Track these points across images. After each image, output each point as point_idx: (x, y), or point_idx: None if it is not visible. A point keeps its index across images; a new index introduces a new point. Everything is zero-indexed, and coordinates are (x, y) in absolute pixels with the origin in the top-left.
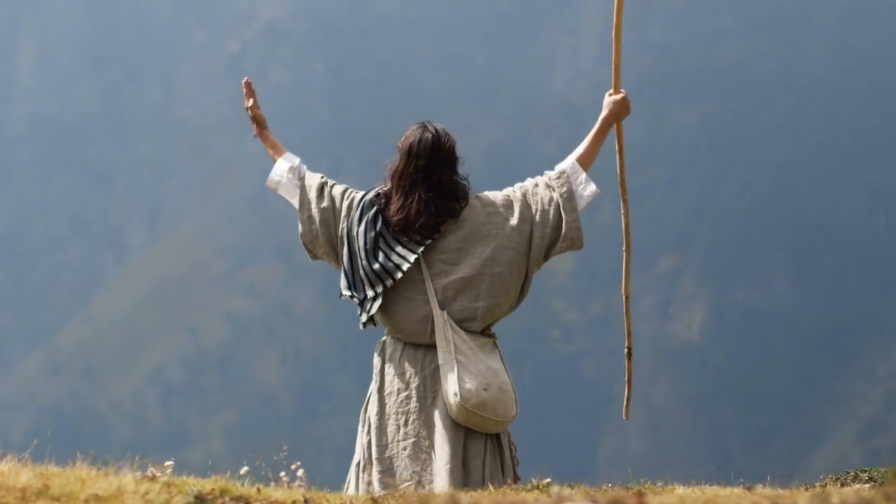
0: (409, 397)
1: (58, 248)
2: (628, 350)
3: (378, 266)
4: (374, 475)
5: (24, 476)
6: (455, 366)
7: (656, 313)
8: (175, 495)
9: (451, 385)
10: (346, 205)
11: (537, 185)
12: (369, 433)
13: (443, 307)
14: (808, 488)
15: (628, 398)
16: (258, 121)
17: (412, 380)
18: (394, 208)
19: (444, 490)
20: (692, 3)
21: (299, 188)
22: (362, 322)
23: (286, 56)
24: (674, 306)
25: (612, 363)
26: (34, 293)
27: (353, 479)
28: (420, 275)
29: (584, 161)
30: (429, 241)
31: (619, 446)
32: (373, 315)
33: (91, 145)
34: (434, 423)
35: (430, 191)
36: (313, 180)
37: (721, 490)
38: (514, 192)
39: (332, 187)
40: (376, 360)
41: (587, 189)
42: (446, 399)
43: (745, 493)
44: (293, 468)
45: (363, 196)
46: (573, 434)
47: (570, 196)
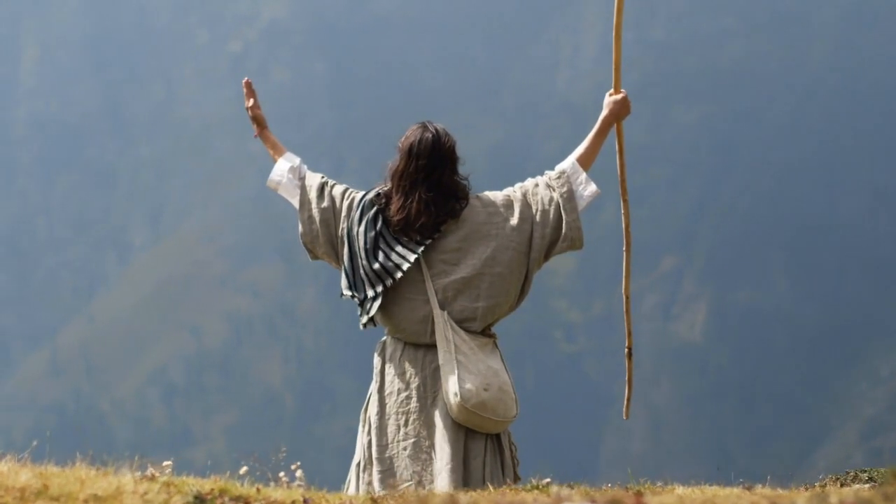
0: (409, 397)
1: (60, 248)
2: (629, 350)
3: (378, 266)
4: (375, 475)
5: (24, 476)
6: (455, 366)
7: (658, 313)
8: (174, 495)
9: (451, 385)
10: (346, 205)
11: (537, 185)
12: (369, 433)
13: (443, 307)
14: (808, 488)
15: (629, 398)
16: (258, 121)
17: (412, 380)
18: (394, 208)
19: (445, 490)
20: (693, 3)
21: (300, 188)
22: (362, 323)
23: (287, 56)
24: (675, 306)
25: (614, 363)
26: (36, 293)
27: (354, 479)
28: (420, 275)
29: (585, 161)
30: (429, 241)
31: (622, 446)
32: (373, 315)
33: (93, 145)
34: (434, 424)
35: (430, 191)
36: (314, 180)
37: (721, 490)
38: (515, 192)
39: (332, 187)
40: (376, 360)
41: (587, 189)
42: (446, 399)
43: (744, 493)
44: (292, 468)
45: (363, 196)
46: (575, 434)
47: (571, 196)
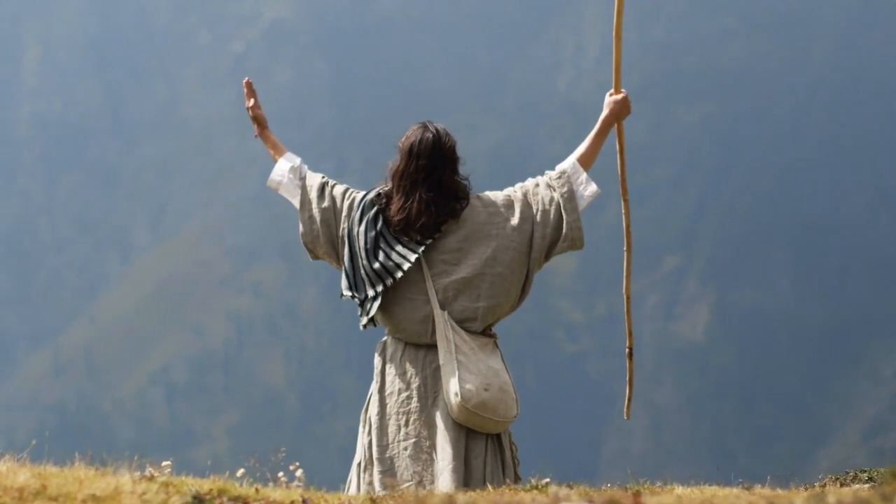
0: (409, 397)
1: (62, 249)
2: (629, 350)
3: (378, 265)
4: (375, 475)
5: (22, 476)
6: (456, 366)
7: (660, 313)
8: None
9: (451, 385)
10: (346, 205)
11: (538, 185)
12: (370, 433)
13: (443, 307)
14: (808, 488)
15: (629, 398)
16: (259, 121)
17: (413, 380)
18: (394, 208)
19: (447, 490)
20: (695, 3)
21: (300, 188)
22: (362, 324)
23: (289, 56)
24: (678, 306)
25: (617, 363)
26: (38, 293)
27: (355, 479)
28: (421, 275)
29: (585, 161)
30: (429, 241)
31: (623, 446)
32: (373, 316)
33: (95, 145)
34: (435, 424)
35: (430, 191)
36: (314, 180)
37: (720, 490)
38: (515, 192)
39: (332, 187)
40: (377, 360)
41: (588, 189)
42: (447, 399)
43: (743, 493)
44: (291, 468)
45: (364, 196)
46: (577, 434)
47: (571, 196)
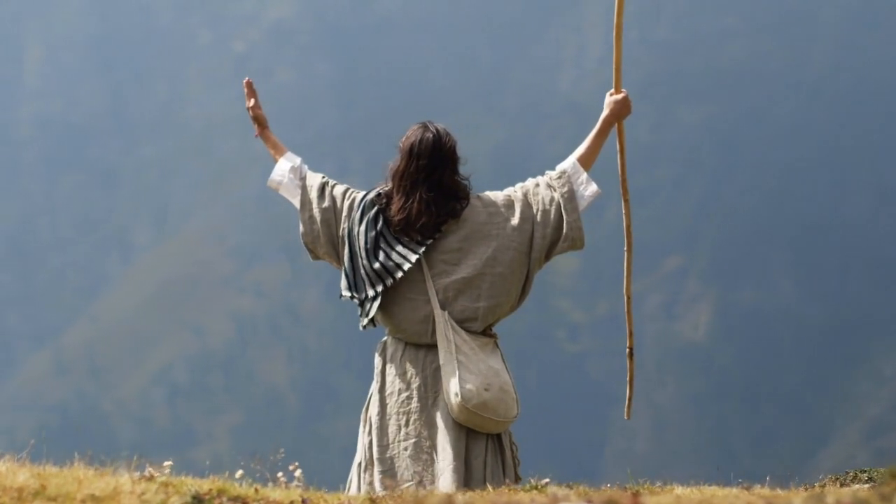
0: (410, 397)
1: (64, 249)
2: (630, 350)
3: (379, 265)
4: (376, 475)
5: (22, 476)
6: (456, 366)
7: (662, 313)
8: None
9: (452, 385)
10: (347, 205)
11: (538, 184)
12: (370, 433)
13: (444, 307)
14: (808, 489)
15: (630, 398)
16: (259, 121)
17: (413, 380)
18: (395, 208)
19: (448, 490)
20: (697, 2)
21: (300, 188)
22: (362, 324)
23: (292, 56)
24: (679, 306)
25: (619, 363)
26: (40, 293)
27: (355, 479)
28: (421, 275)
29: (585, 161)
30: (430, 241)
31: (626, 447)
32: (373, 317)
33: (97, 145)
34: (435, 424)
35: (430, 191)
36: (314, 180)
37: (719, 490)
38: (515, 192)
39: (333, 187)
40: (377, 360)
41: (588, 189)
42: (447, 399)
43: (742, 493)
44: (291, 468)
45: (364, 196)
46: (579, 434)
47: (572, 196)
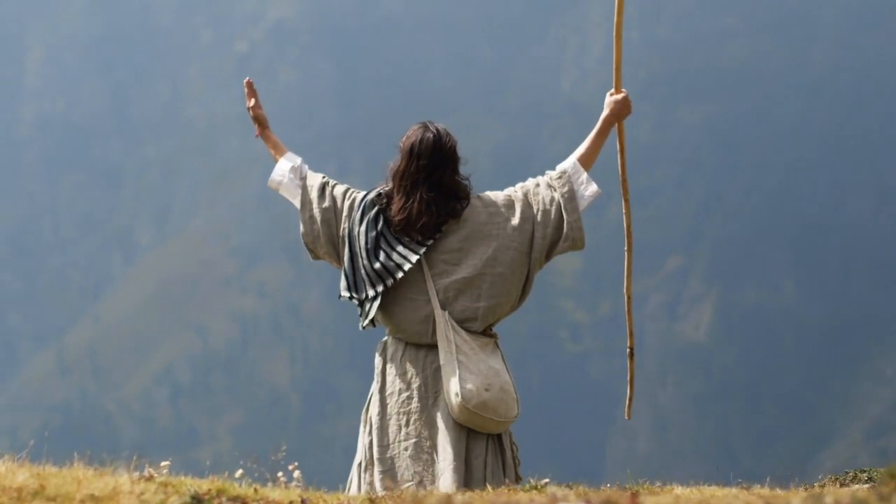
0: (410, 397)
1: (66, 249)
2: (630, 350)
3: (379, 265)
4: (376, 475)
5: (21, 476)
6: (456, 366)
7: (663, 313)
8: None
9: (452, 385)
10: (347, 205)
11: (538, 184)
12: (371, 433)
13: (444, 307)
14: (808, 489)
15: (630, 398)
16: (260, 121)
17: (413, 380)
18: (395, 208)
19: (449, 490)
20: (697, 2)
21: (301, 188)
22: (362, 325)
23: (294, 56)
24: (681, 306)
25: (620, 363)
26: (42, 293)
27: (355, 479)
28: (421, 275)
29: (586, 161)
30: (430, 242)
31: (627, 446)
32: (373, 317)
33: (99, 145)
34: (436, 424)
35: (431, 191)
36: (315, 180)
37: (718, 490)
38: (516, 192)
39: (333, 187)
40: (378, 360)
41: (588, 189)
42: (448, 399)
43: (741, 493)
44: (290, 468)
45: (364, 196)
46: (581, 434)
47: (572, 196)
